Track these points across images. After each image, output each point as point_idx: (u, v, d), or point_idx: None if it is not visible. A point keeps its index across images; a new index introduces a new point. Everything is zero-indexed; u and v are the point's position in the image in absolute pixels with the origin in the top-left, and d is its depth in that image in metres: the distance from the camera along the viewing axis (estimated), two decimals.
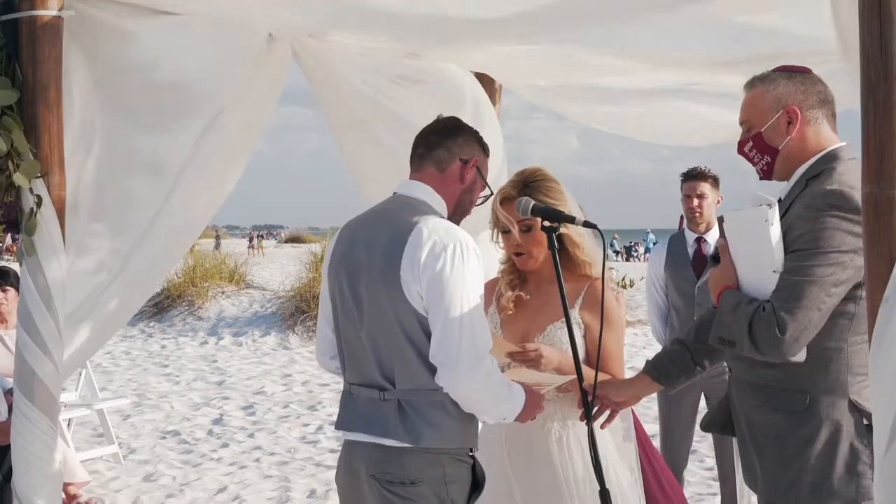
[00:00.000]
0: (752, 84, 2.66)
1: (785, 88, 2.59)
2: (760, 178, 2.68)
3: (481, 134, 2.91)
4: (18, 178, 2.68)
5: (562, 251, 3.12)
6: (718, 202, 5.19)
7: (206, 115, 3.19)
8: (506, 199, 3.18)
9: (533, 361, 3.06)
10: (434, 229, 2.61)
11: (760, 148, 2.63)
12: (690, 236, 5.18)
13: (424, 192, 2.78)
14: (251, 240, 47.39)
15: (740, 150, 2.70)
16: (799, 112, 2.57)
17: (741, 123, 2.70)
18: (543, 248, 3.17)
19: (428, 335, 2.59)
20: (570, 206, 3.16)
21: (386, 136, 3.93)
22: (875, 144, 2.03)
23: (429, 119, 2.94)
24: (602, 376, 3.00)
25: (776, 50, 3.27)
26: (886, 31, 2.01)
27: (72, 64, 2.88)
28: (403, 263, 2.58)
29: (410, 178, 2.84)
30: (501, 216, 3.20)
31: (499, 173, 4.15)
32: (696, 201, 5.11)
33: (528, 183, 3.19)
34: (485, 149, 2.90)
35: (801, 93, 2.58)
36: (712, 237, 5.09)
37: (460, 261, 2.57)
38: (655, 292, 5.34)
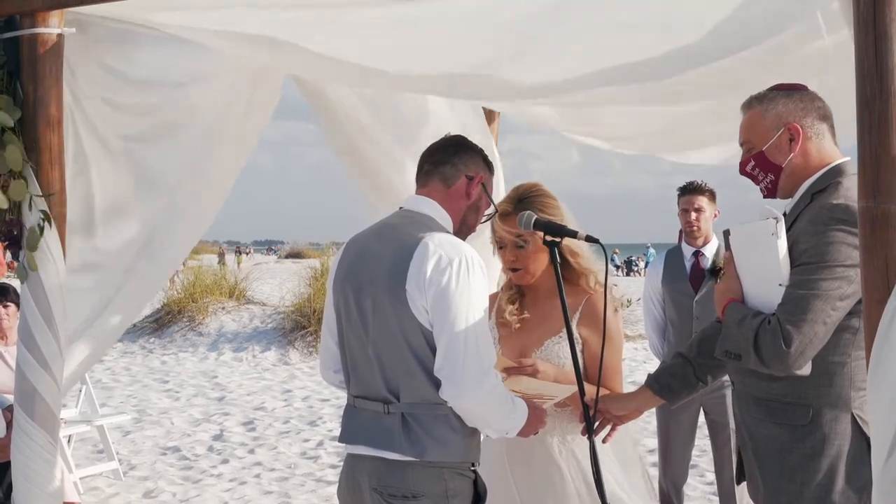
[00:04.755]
0: (750, 104, 2.67)
1: (784, 107, 2.60)
2: (765, 196, 2.68)
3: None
4: (1, 200, 2.68)
5: (560, 264, 3.12)
6: (715, 216, 5.20)
7: (203, 129, 3.22)
8: (502, 216, 3.17)
9: (530, 375, 3.06)
10: (440, 244, 2.62)
11: (763, 166, 2.63)
12: (688, 250, 5.19)
13: (430, 208, 2.79)
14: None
15: (742, 171, 2.70)
16: (800, 129, 2.58)
17: (741, 144, 2.70)
18: (539, 264, 3.18)
19: (433, 349, 2.59)
20: (568, 222, 3.16)
21: (384, 139, 3.95)
22: (871, 159, 2.05)
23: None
24: (601, 391, 3.00)
25: None
26: (882, 47, 2.03)
27: (72, 81, 2.90)
28: (409, 278, 2.59)
29: (416, 193, 2.86)
30: (499, 230, 3.20)
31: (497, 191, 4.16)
32: (693, 215, 5.12)
33: (524, 198, 3.18)
34: (490, 167, 2.91)
35: (800, 110, 2.59)
36: (710, 251, 5.10)
37: (465, 275, 2.58)
38: (653, 306, 5.34)
